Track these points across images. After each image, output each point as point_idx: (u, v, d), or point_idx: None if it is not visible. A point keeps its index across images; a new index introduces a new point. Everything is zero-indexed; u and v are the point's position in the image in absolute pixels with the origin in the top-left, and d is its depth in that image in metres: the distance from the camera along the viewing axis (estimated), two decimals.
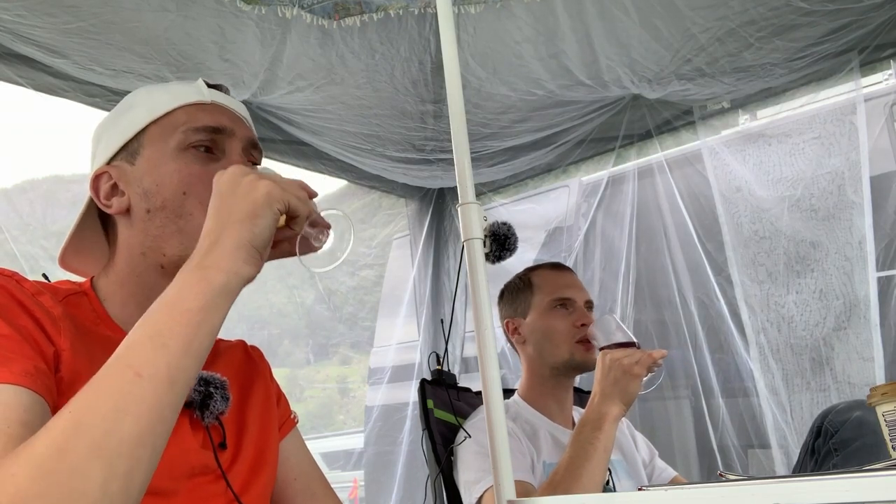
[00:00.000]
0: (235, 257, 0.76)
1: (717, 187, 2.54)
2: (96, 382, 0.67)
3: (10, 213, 2.15)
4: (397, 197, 3.38)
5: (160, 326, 0.70)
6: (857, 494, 0.34)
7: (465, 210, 1.04)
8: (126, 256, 0.96)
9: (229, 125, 0.98)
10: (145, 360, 0.68)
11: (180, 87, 1.00)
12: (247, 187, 0.78)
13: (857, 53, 2.28)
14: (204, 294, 0.73)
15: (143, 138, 0.96)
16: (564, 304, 1.80)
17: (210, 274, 0.75)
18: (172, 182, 0.93)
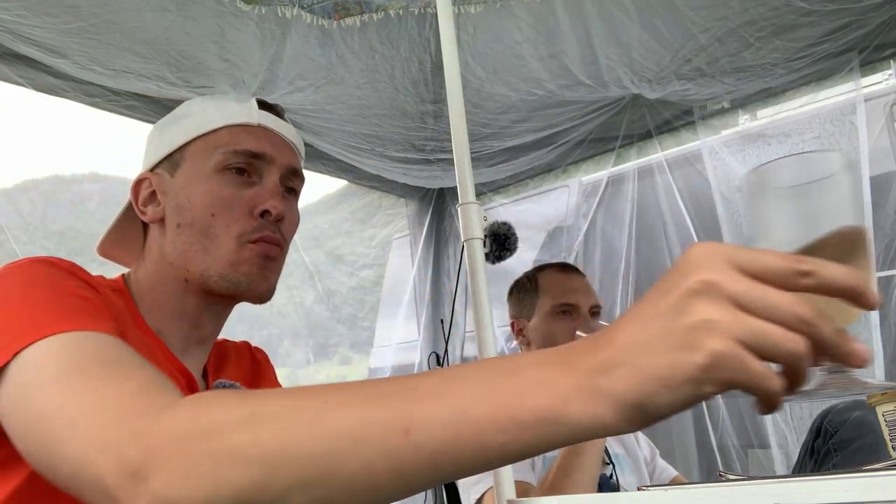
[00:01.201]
0: (619, 400, 0.46)
1: (717, 187, 2.54)
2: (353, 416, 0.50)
3: (12, 213, 2.15)
4: (397, 197, 3.38)
5: (469, 408, 0.48)
6: (857, 494, 0.34)
7: (465, 210, 1.04)
8: (156, 261, 0.96)
9: (270, 151, 0.97)
10: (424, 426, 0.48)
11: (232, 105, 0.99)
12: (691, 321, 0.45)
13: (857, 53, 2.28)
14: (548, 413, 0.47)
15: (187, 151, 0.97)
16: (568, 311, 1.78)
17: (575, 397, 0.47)
18: (204, 202, 0.93)
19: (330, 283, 3.13)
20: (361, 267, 3.23)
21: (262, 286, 0.94)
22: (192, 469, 0.49)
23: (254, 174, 0.96)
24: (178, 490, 0.49)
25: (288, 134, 1.01)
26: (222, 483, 0.49)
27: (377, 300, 3.42)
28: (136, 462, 0.51)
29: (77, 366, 0.63)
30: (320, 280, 3.09)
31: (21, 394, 0.63)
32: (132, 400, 0.57)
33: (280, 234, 0.96)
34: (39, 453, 0.60)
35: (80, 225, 2.57)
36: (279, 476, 0.49)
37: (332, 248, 3.21)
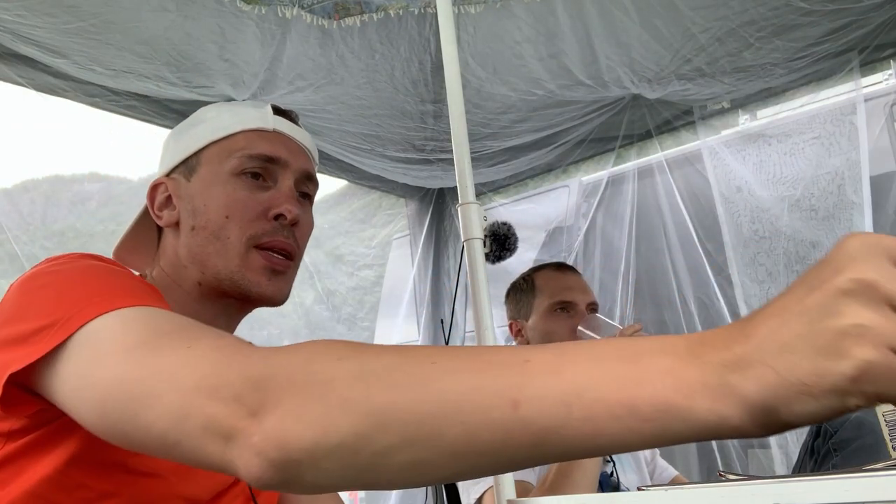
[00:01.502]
0: (751, 402, 0.42)
1: (717, 187, 2.54)
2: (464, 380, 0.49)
3: (12, 213, 2.15)
4: (397, 197, 3.38)
5: (583, 389, 0.46)
6: (857, 494, 0.34)
7: (465, 210, 1.04)
8: (170, 264, 0.97)
9: (285, 156, 0.98)
10: (534, 402, 0.47)
11: (247, 111, 1.01)
12: (841, 324, 0.40)
13: (857, 53, 2.28)
14: (670, 406, 0.44)
15: (202, 156, 0.98)
16: (565, 308, 1.79)
17: (702, 393, 0.43)
18: (218, 205, 0.94)
19: (330, 283, 3.13)
20: (361, 267, 3.23)
21: (272, 291, 0.94)
22: (305, 412, 0.50)
23: (269, 178, 0.97)
24: (290, 430, 0.50)
25: (302, 139, 1.03)
26: (331, 430, 0.49)
27: (377, 300, 3.41)
28: (251, 400, 0.52)
29: (159, 330, 0.63)
30: (320, 280, 3.09)
31: (95, 362, 0.63)
32: (234, 350, 0.58)
33: (293, 239, 0.96)
34: (121, 418, 0.59)
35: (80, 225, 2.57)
36: (385, 431, 0.48)
37: (331, 248, 3.21)
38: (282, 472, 0.50)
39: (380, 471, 0.50)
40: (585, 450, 0.47)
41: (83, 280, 0.74)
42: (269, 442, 0.50)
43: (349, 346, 0.55)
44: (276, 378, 0.53)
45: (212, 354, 0.57)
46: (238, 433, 0.52)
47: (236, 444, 0.52)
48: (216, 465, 0.54)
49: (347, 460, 0.49)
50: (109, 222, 2.42)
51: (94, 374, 0.62)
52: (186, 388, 0.55)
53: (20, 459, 0.74)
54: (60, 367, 0.65)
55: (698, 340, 0.45)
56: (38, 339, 0.66)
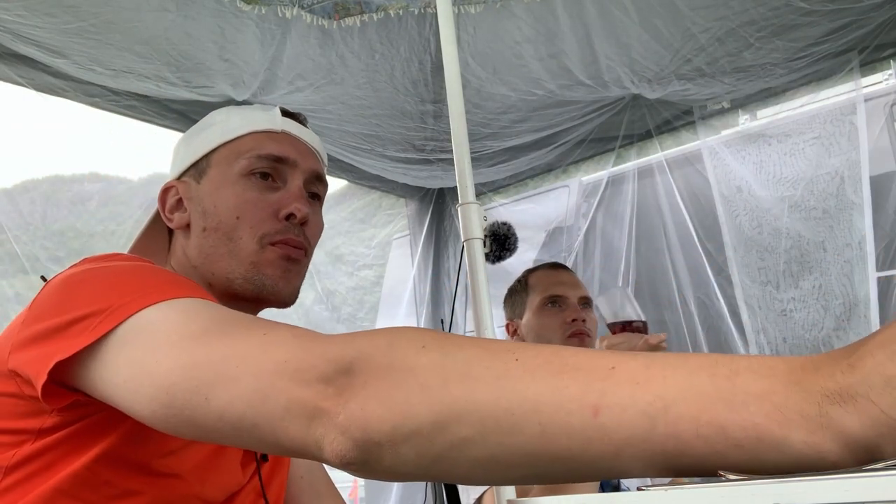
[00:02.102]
0: (849, 438, 0.39)
1: (717, 187, 2.54)
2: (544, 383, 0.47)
3: (12, 213, 2.15)
4: (397, 197, 3.38)
5: (671, 403, 0.43)
6: (857, 494, 0.34)
7: (465, 210, 1.04)
8: (180, 265, 0.97)
9: (293, 156, 0.99)
10: (616, 410, 0.45)
11: (255, 113, 1.02)
12: None
13: (857, 53, 2.28)
14: (763, 434, 0.41)
15: (212, 158, 0.99)
16: (555, 301, 1.81)
17: (799, 423, 0.40)
18: (229, 205, 0.94)
19: (329, 283, 3.13)
20: (361, 267, 3.23)
21: (286, 288, 0.95)
22: (387, 396, 0.50)
23: (278, 179, 0.98)
24: (373, 413, 0.50)
25: (311, 141, 1.04)
26: (410, 416, 0.49)
27: (377, 300, 3.41)
28: (337, 382, 0.52)
29: (224, 320, 0.63)
30: (320, 280, 3.09)
31: (154, 350, 0.62)
32: (313, 336, 0.58)
33: (304, 238, 0.97)
34: (189, 403, 0.58)
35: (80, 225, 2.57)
36: (460, 423, 0.48)
37: (331, 248, 3.21)
38: (364, 453, 0.50)
39: (454, 463, 0.49)
40: (667, 468, 0.44)
41: (134, 273, 0.74)
42: (354, 422, 0.50)
43: (432, 334, 0.55)
44: (360, 361, 0.53)
45: (291, 340, 0.57)
46: (324, 412, 0.52)
47: (322, 423, 0.52)
48: (296, 446, 0.54)
49: (423, 448, 0.49)
50: (109, 222, 2.41)
51: (155, 362, 0.61)
52: (266, 370, 0.55)
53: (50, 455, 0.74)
54: (109, 357, 0.64)
55: (800, 365, 0.42)
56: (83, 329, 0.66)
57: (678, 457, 0.43)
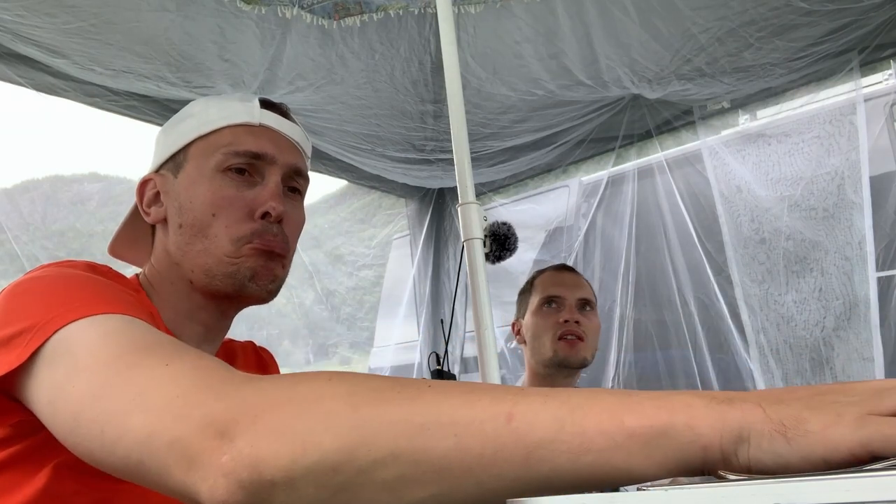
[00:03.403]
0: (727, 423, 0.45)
1: (717, 187, 2.54)
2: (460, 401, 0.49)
3: (12, 213, 2.15)
4: (397, 197, 3.38)
5: (576, 407, 0.48)
6: (857, 494, 0.34)
7: (465, 210, 1.04)
8: (162, 261, 0.97)
9: (271, 152, 0.96)
10: (528, 416, 0.48)
11: (233, 105, 0.99)
12: (837, 398, 0.46)
13: (857, 53, 2.28)
14: (656, 421, 0.46)
15: (189, 152, 0.97)
16: (552, 302, 1.82)
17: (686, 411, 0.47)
18: (204, 202, 0.93)
19: (329, 283, 3.13)
20: (361, 267, 3.23)
21: (267, 284, 0.93)
22: (283, 429, 0.48)
23: (255, 174, 0.96)
24: (265, 449, 0.48)
25: (292, 133, 1.01)
26: (311, 447, 0.47)
27: (377, 300, 3.42)
28: (223, 421, 0.50)
29: (137, 345, 0.62)
30: (320, 280, 3.09)
31: (70, 374, 0.61)
32: (213, 371, 0.56)
33: (283, 235, 0.95)
34: (89, 434, 0.57)
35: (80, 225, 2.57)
36: (371, 445, 0.47)
37: (331, 248, 3.21)
38: (251, 496, 0.47)
39: (358, 490, 0.48)
40: (573, 467, 0.47)
41: (65, 285, 0.72)
42: (241, 461, 0.47)
43: (340, 372, 0.54)
44: (255, 398, 0.51)
45: (190, 374, 0.56)
46: (203, 453, 0.49)
47: (201, 466, 0.49)
48: (178, 490, 0.51)
49: (325, 479, 0.47)
50: (109, 222, 2.42)
51: (71, 386, 0.60)
52: (156, 406, 0.53)
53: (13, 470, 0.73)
54: (39, 375, 0.64)
55: (700, 391, 0.49)
56: (17, 344, 0.65)
57: (582, 454, 0.47)
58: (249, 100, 0.99)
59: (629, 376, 2.73)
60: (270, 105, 1.01)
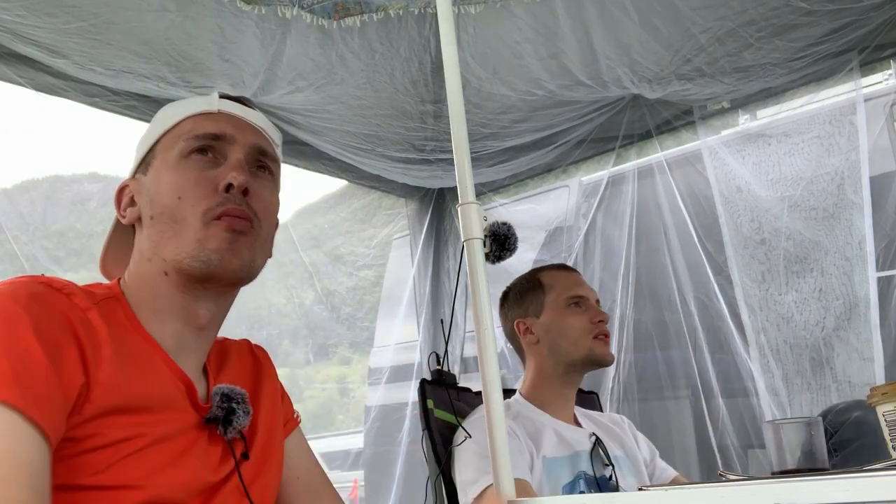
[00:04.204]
0: None
1: (717, 187, 2.54)
2: None
3: (12, 213, 2.15)
4: (397, 197, 3.38)
5: None
6: (857, 494, 0.34)
7: (465, 210, 1.04)
8: (138, 264, 0.98)
9: (230, 132, 0.99)
10: None
11: (194, 100, 1.04)
12: None
13: (857, 53, 2.28)
14: None
15: (156, 150, 1.00)
16: (579, 302, 1.83)
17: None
18: (170, 188, 0.95)
19: (329, 283, 3.13)
20: (361, 267, 3.23)
21: (235, 261, 0.94)
22: None
23: (218, 156, 0.98)
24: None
25: (254, 118, 1.04)
26: None
27: (377, 300, 3.42)
28: None
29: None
30: (320, 280, 3.09)
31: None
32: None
33: (249, 208, 0.96)
34: None
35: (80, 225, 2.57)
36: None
37: (331, 248, 3.21)
38: None
39: None
40: None
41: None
42: None
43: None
44: None
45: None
46: None
47: None
48: None
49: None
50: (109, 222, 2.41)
51: None
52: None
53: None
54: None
55: None
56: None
57: None
58: (209, 93, 1.04)
59: (629, 376, 2.73)
60: (230, 97, 1.05)
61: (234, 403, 0.95)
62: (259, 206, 0.98)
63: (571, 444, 1.70)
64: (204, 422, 0.94)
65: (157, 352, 0.93)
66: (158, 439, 0.86)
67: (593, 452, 1.70)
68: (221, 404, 0.95)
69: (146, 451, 0.84)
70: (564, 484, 1.64)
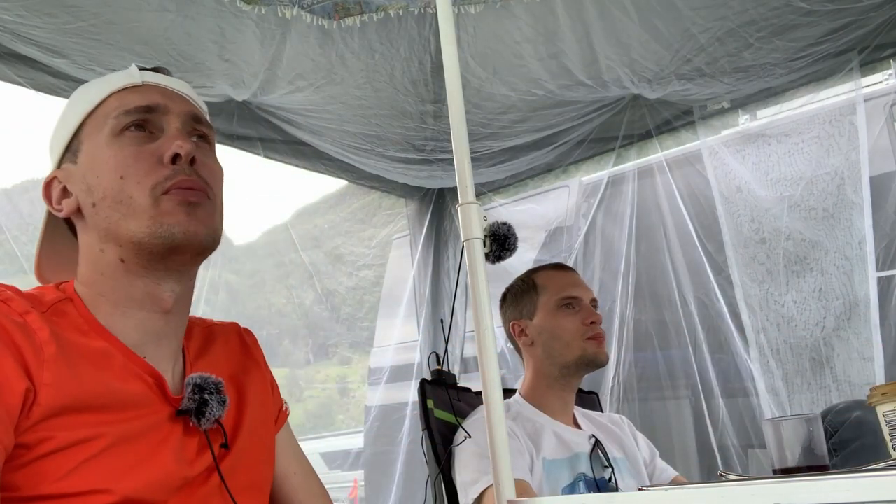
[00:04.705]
0: None
1: (717, 187, 2.54)
2: None
3: (12, 213, 2.15)
4: (397, 197, 3.38)
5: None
6: (857, 494, 0.34)
7: (465, 210, 1.04)
8: (88, 258, 0.93)
9: (162, 102, 0.95)
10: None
11: (112, 77, 0.98)
12: None
13: (857, 53, 2.28)
14: None
15: (82, 134, 0.95)
16: (571, 304, 1.81)
17: None
18: (109, 169, 0.90)
19: (329, 283, 3.13)
20: (361, 267, 3.23)
21: (200, 230, 0.90)
22: None
23: (153, 129, 0.94)
24: None
25: (178, 86, 1.00)
26: None
27: (377, 300, 3.41)
28: None
29: None
30: (319, 280, 3.09)
31: None
32: None
33: (199, 177, 0.92)
34: None
35: None
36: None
37: (331, 248, 3.21)
38: None
39: None
40: None
41: None
42: None
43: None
44: None
45: None
46: None
47: None
48: None
49: None
50: None
51: None
52: None
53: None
54: None
55: None
56: None
57: None
58: (127, 67, 0.99)
59: (629, 376, 2.73)
60: (153, 68, 1.01)
61: (207, 394, 0.91)
62: (207, 174, 0.94)
63: (571, 446, 1.70)
64: (176, 414, 0.90)
65: (116, 348, 0.89)
66: (122, 439, 0.83)
67: (593, 454, 1.70)
68: (193, 395, 0.90)
69: (108, 453, 0.81)
70: (564, 486, 1.64)
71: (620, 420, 1.92)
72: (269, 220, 3.38)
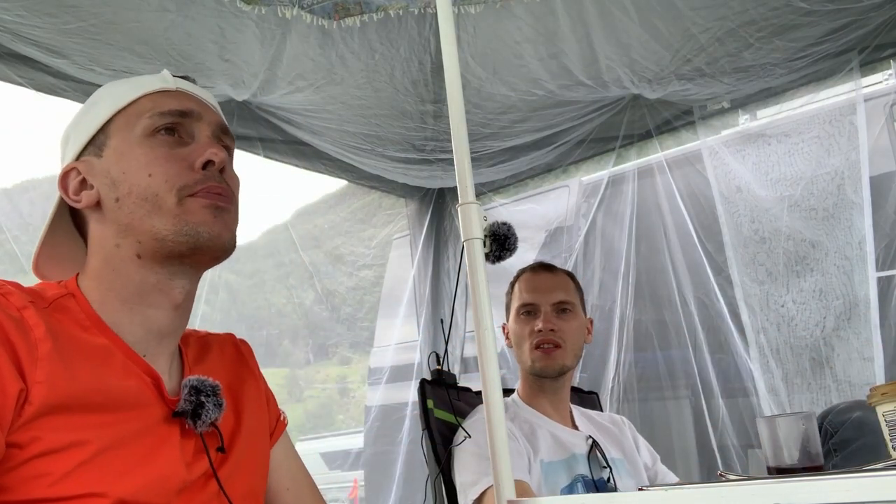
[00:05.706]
0: None
1: (717, 187, 2.54)
2: None
3: (11, 213, 2.15)
4: (397, 197, 3.38)
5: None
6: (857, 494, 0.34)
7: (465, 210, 1.04)
8: (100, 252, 0.93)
9: (196, 109, 0.97)
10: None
11: (144, 79, 0.99)
12: None
13: (857, 53, 2.28)
14: None
15: (109, 129, 0.95)
16: (529, 310, 1.79)
17: None
18: (138, 166, 0.91)
19: (329, 283, 3.13)
20: (361, 267, 3.23)
21: (223, 233, 0.92)
22: None
23: (185, 134, 0.95)
24: None
25: (206, 97, 1.02)
26: None
27: (377, 300, 3.41)
28: None
29: None
30: (320, 280, 3.09)
31: None
32: None
33: (227, 185, 0.94)
34: None
35: None
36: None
37: (331, 248, 3.21)
38: None
39: None
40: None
41: None
42: None
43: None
44: None
45: None
46: None
47: None
48: None
49: None
50: None
51: None
52: None
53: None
54: None
55: None
56: None
57: None
58: (159, 72, 1.00)
59: (629, 376, 2.73)
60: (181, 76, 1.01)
61: (204, 396, 0.91)
62: (233, 182, 0.97)
63: (568, 447, 1.70)
64: (172, 415, 0.90)
65: (118, 347, 0.88)
66: (117, 441, 0.82)
67: (590, 455, 1.69)
68: (189, 397, 0.90)
69: (103, 456, 0.80)
70: (562, 487, 1.64)
71: (621, 421, 1.92)
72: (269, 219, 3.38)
